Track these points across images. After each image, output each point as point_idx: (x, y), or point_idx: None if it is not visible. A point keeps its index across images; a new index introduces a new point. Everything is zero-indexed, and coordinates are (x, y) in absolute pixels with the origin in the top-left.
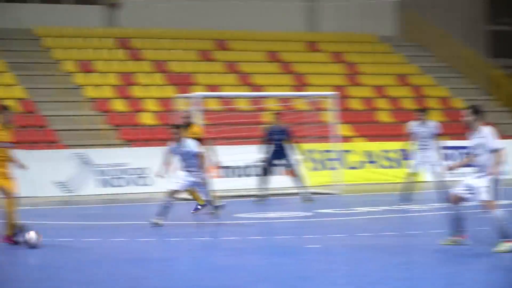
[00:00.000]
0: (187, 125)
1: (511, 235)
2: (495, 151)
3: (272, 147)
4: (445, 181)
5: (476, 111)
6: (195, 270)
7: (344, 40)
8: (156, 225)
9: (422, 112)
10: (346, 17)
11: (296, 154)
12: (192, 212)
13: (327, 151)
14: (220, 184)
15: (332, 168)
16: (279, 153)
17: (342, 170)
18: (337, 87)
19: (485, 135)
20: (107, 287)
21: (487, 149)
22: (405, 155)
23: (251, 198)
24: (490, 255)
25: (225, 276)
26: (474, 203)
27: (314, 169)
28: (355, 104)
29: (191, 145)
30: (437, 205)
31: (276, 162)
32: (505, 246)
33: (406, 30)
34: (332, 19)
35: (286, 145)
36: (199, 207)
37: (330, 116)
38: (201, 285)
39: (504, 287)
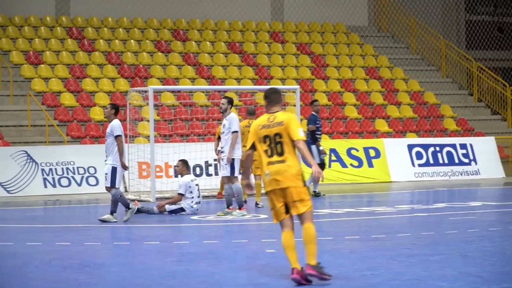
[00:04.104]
0: None
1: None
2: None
3: None
4: None
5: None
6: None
7: (310, 30)
8: None
9: None
10: (314, 6)
11: None
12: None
13: None
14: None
15: None
16: None
17: None
18: (303, 80)
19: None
20: None
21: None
22: None
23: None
24: None
25: None
26: None
27: None
28: (322, 98)
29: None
30: None
31: None
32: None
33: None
34: (299, 8)
35: None
36: None
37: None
38: None
39: None
